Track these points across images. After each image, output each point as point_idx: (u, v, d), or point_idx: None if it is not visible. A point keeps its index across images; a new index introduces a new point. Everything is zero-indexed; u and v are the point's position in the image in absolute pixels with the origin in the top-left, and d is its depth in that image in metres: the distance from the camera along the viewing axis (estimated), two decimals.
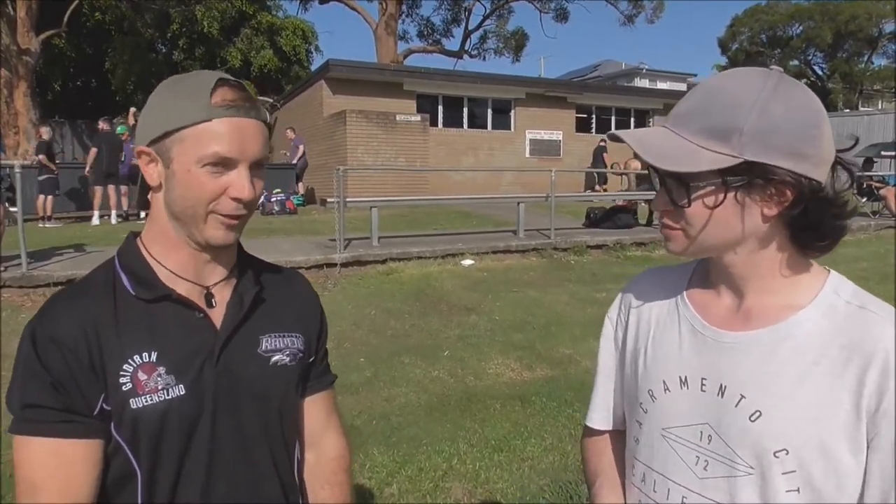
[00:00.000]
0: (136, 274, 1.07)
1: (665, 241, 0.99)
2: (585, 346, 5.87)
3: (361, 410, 4.52)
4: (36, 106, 18.21)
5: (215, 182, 1.01)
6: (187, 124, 0.99)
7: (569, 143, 20.59)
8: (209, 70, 1.11)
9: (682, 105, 0.94)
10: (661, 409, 1.01)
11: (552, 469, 3.66)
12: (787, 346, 0.91)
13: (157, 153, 1.03)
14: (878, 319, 0.88)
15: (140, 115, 1.08)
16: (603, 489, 1.14)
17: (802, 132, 0.86)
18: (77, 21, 21.78)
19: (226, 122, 1.00)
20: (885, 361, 0.84)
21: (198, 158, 1.00)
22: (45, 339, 0.98)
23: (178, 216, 1.05)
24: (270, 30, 28.44)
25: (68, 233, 10.55)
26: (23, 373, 0.99)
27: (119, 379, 1.00)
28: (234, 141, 1.00)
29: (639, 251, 10.27)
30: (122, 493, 1.04)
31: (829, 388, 0.87)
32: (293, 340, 1.18)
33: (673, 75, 37.02)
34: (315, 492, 1.26)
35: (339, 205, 8.98)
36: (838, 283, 0.95)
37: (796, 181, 0.86)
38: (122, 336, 1.02)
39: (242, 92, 1.03)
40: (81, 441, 0.99)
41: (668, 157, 0.90)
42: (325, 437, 1.29)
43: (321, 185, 17.02)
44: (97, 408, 0.99)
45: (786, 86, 0.88)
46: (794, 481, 0.88)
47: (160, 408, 1.01)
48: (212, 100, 1.00)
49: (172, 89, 1.04)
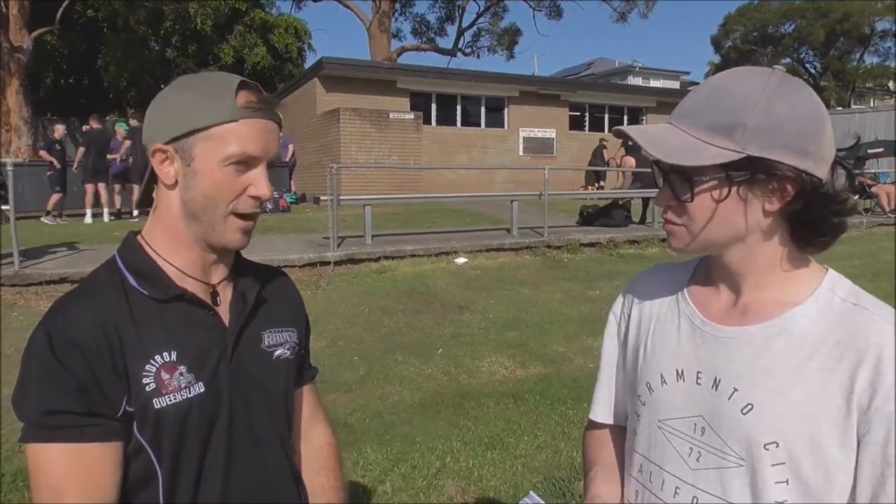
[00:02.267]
0: (143, 273, 1.06)
1: (668, 238, 1.01)
2: (579, 344, 5.89)
3: (355, 408, 4.52)
4: (28, 103, 18.12)
5: (237, 181, 1.04)
6: (214, 123, 1.01)
7: (562, 141, 20.62)
8: (222, 72, 1.12)
9: (687, 102, 0.96)
10: (658, 401, 1.04)
11: (545, 466, 3.67)
12: (782, 342, 0.92)
13: (176, 151, 1.03)
14: (872, 317, 0.90)
15: (150, 112, 1.08)
16: (598, 477, 1.16)
17: (805, 129, 0.88)
18: (70, 18, 21.65)
19: (250, 122, 1.03)
20: (878, 358, 0.85)
21: (224, 157, 1.02)
22: (64, 341, 0.96)
23: (197, 214, 1.05)
24: (263, 27, 28.34)
25: (61, 231, 10.51)
26: (39, 377, 0.95)
27: (142, 379, 1.00)
28: (258, 141, 1.03)
29: (632, 249, 10.30)
30: (143, 494, 1.04)
31: (821, 384, 0.88)
32: (290, 335, 1.22)
33: (666, 73, 37.15)
34: (312, 478, 1.29)
35: (333, 203, 8.97)
36: (835, 280, 0.96)
37: (798, 177, 0.88)
38: (142, 336, 1.01)
39: (262, 94, 1.06)
40: (104, 444, 0.98)
41: (673, 152, 0.91)
42: (314, 427, 1.34)
43: (314, 183, 17.00)
44: (121, 409, 0.99)
45: (789, 84, 0.90)
46: (783, 473, 0.90)
47: (182, 406, 1.02)
48: (237, 101, 1.02)
49: (193, 88, 1.05)
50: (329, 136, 16.63)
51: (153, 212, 1.11)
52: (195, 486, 1.05)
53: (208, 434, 1.06)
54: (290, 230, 10.98)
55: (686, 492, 0.98)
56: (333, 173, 9.28)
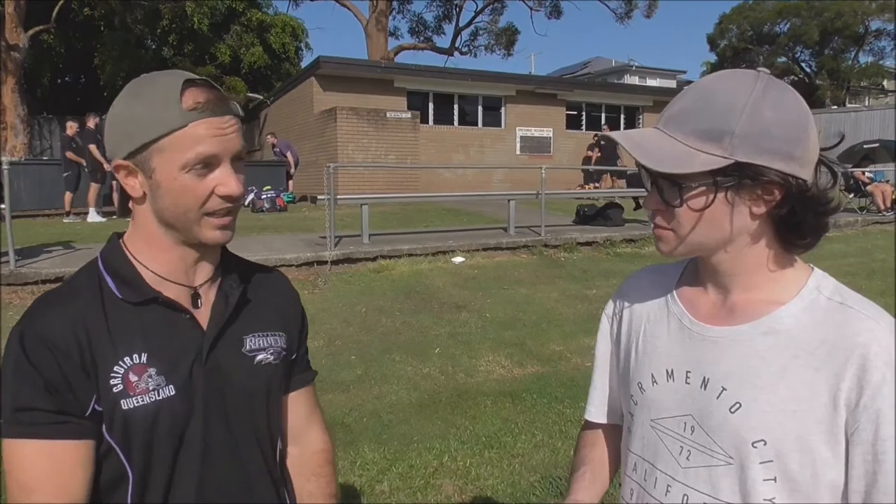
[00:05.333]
0: (120, 277, 1.07)
1: (656, 241, 1.03)
2: (576, 343, 5.90)
3: (352, 408, 4.53)
4: (24, 102, 18.08)
5: (202, 184, 1.02)
6: (163, 133, 0.99)
7: (559, 140, 20.64)
8: (169, 70, 1.09)
9: (674, 107, 0.97)
10: (650, 400, 1.06)
11: (542, 465, 3.68)
12: (769, 341, 0.94)
13: (136, 165, 1.03)
14: (857, 315, 0.91)
15: (107, 127, 1.06)
16: (585, 477, 1.18)
17: (791, 134, 0.89)
18: (66, 16, 21.59)
19: (202, 123, 0.99)
20: (864, 357, 0.87)
21: (182, 164, 1.00)
22: (36, 341, 0.98)
23: (171, 223, 1.05)
24: (260, 27, 28.31)
25: (57, 229, 10.49)
26: (12, 375, 0.98)
27: (110, 380, 1.00)
28: (213, 140, 1.00)
29: (628, 248, 10.31)
30: (114, 495, 1.04)
31: (807, 382, 0.90)
32: (276, 339, 1.20)
33: (662, 72, 37.13)
34: (302, 484, 1.29)
35: (330, 202, 8.97)
36: (821, 279, 0.98)
37: (784, 181, 0.89)
38: (113, 337, 1.02)
39: (212, 90, 1.03)
40: (74, 442, 0.99)
41: (663, 160, 0.92)
42: (309, 432, 1.32)
43: (311, 182, 16.99)
44: (89, 409, 1.00)
45: (774, 89, 0.91)
46: (770, 471, 0.91)
47: (151, 408, 1.02)
48: (182, 104, 0.99)
49: (137, 98, 1.02)
50: (326, 135, 16.62)
51: (132, 219, 1.11)
52: (167, 488, 1.05)
53: (180, 437, 1.05)
54: (287, 229, 10.96)
55: (677, 490, 1.00)
56: (330, 172, 9.28)
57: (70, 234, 9.78)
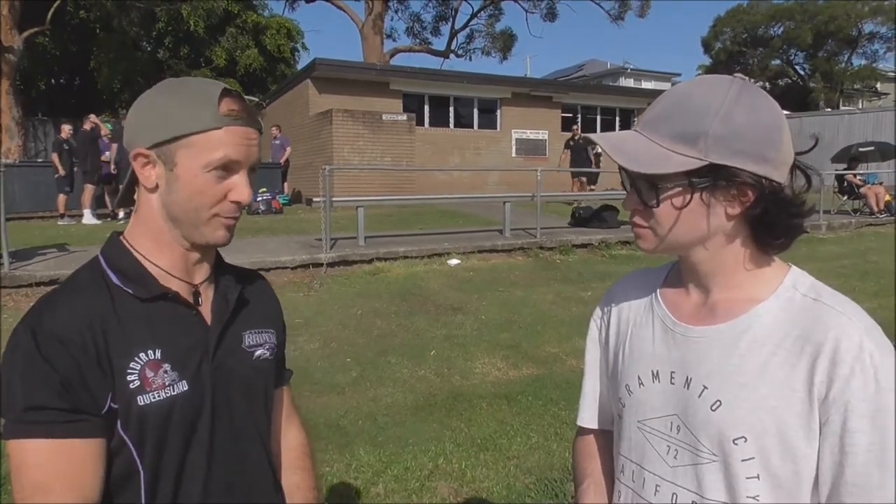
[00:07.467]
0: (126, 273, 1.07)
1: (636, 240, 1.05)
2: (571, 345, 5.91)
3: (348, 410, 4.53)
4: (18, 104, 18.05)
5: (218, 186, 1.06)
6: (197, 130, 1.03)
7: (554, 143, 20.64)
8: (202, 77, 1.15)
9: (652, 110, 1.00)
10: (637, 402, 1.07)
11: (538, 467, 3.69)
12: (748, 338, 0.96)
13: (159, 156, 1.05)
14: (830, 311, 0.93)
15: (132, 115, 1.09)
16: (590, 490, 1.19)
17: (764, 136, 0.92)
18: (61, 19, 21.57)
19: (232, 130, 1.05)
20: (834, 350, 0.89)
21: (205, 163, 1.04)
22: (50, 337, 0.96)
23: (179, 218, 1.08)
24: (256, 29, 28.30)
25: (52, 232, 10.46)
26: (23, 373, 0.95)
27: (127, 376, 1.00)
28: (239, 148, 1.06)
29: (624, 250, 10.33)
30: (125, 492, 1.04)
31: (785, 378, 0.92)
32: (269, 336, 1.24)
33: (657, 75, 37.29)
34: (287, 477, 1.32)
35: (326, 204, 8.97)
36: (798, 277, 1.00)
37: (757, 182, 0.92)
38: (127, 333, 1.02)
39: (244, 103, 1.09)
40: (88, 440, 0.98)
41: (640, 161, 0.95)
42: (289, 429, 1.37)
43: (307, 184, 16.98)
44: (105, 406, 0.99)
45: (748, 93, 0.93)
46: (753, 468, 0.93)
47: (165, 404, 1.03)
48: (220, 109, 1.04)
49: (176, 94, 1.06)
50: (322, 137, 16.61)
51: (135, 213, 1.12)
52: (176, 484, 1.06)
53: (191, 432, 1.07)
54: (283, 231, 10.97)
55: (666, 489, 1.02)
56: (326, 175, 9.28)
57: (65, 237, 9.75)
